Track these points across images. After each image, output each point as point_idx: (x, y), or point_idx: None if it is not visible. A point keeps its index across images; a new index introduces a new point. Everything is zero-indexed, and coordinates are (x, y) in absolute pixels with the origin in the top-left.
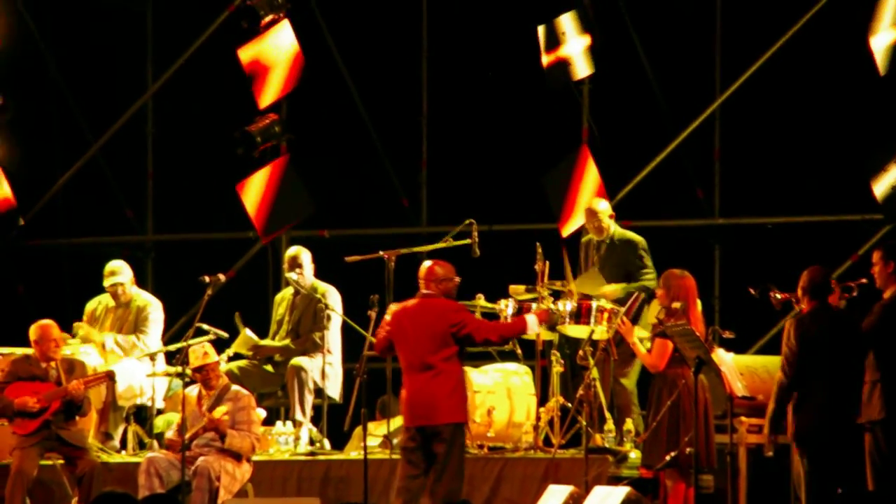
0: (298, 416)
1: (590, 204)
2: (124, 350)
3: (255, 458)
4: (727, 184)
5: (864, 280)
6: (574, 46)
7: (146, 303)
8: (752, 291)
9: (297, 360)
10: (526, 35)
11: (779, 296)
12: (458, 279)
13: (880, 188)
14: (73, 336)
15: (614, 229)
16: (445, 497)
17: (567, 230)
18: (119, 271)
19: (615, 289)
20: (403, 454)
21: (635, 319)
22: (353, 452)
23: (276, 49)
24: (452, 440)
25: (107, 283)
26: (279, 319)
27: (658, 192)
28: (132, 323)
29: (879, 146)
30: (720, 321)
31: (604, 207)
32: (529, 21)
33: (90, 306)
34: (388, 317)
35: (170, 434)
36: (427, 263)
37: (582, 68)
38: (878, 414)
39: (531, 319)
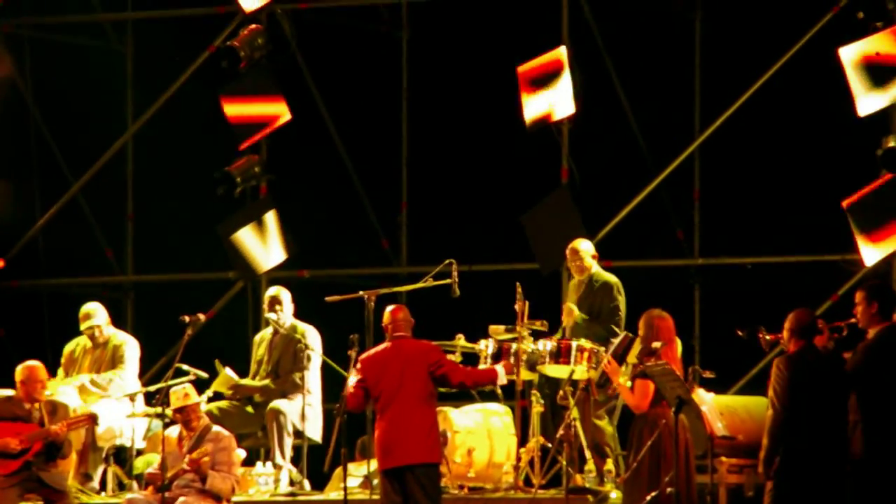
0: (279, 459)
1: (573, 244)
2: (101, 388)
3: (234, 498)
4: (707, 224)
5: (853, 319)
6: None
7: (122, 342)
8: (739, 333)
9: (276, 404)
10: (505, 76)
11: (768, 337)
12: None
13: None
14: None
15: (595, 270)
16: None
17: None
18: (94, 314)
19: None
20: (384, 498)
21: (621, 360)
22: (332, 493)
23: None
24: (428, 481)
25: (83, 326)
26: (259, 360)
27: (638, 232)
28: (109, 362)
29: (857, 186)
30: (700, 361)
31: (586, 248)
32: (509, 62)
33: (68, 348)
34: (357, 368)
35: (150, 470)
36: (390, 308)
37: (561, 109)
38: (857, 454)
39: (500, 371)
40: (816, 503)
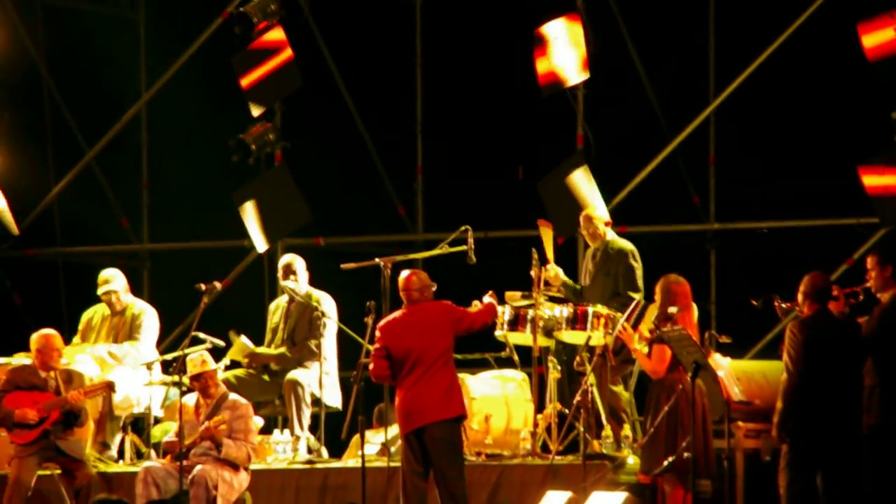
0: (297, 430)
1: (586, 210)
2: (117, 359)
3: (253, 466)
4: (722, 189)
5: (868, 284)
6: (568, 53)
7: (141, 311)
8: (754, 303)
9: (293, 375)
10: (521, 41)
11: (784, 305)
12: (434, 285)
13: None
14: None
15: (610, 237)
16: (461, 497)
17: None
18: (112, 279)
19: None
20: (405, 465)
21: (635, 325)
22: (350, 460)
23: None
24: (442, 435)
25: (100, 291)
26: (274, 327)
27: (653, 197)
28: (127, 331)
29: (873, 150)
30: (716, 326)
31: (599, 214)
32: (524, 27)
33: (86, 316)
34: (378, 335)
35: (168, 438)
36: (405, 273)
37: (575, 75)
38: (875, 419)
39: (496, 306)
40: (830, 467)
